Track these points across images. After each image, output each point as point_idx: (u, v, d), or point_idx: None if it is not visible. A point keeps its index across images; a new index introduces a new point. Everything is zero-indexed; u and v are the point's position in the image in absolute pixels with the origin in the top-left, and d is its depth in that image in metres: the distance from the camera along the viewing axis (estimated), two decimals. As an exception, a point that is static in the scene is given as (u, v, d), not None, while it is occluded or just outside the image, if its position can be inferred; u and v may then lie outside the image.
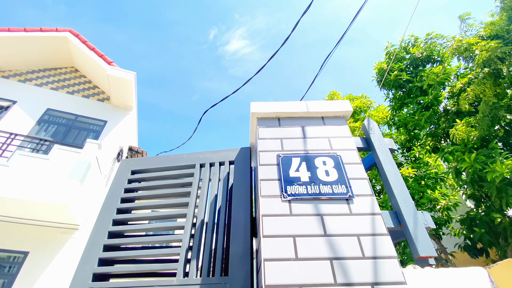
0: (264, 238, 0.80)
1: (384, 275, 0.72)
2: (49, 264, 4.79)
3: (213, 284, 0.89)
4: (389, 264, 0.74)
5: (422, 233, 0.84)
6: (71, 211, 4.54)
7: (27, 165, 4.43)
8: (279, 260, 0.76)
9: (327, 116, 1.15)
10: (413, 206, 0.90)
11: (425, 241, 0.83)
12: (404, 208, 0.90)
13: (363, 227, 0.81)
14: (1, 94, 6.55)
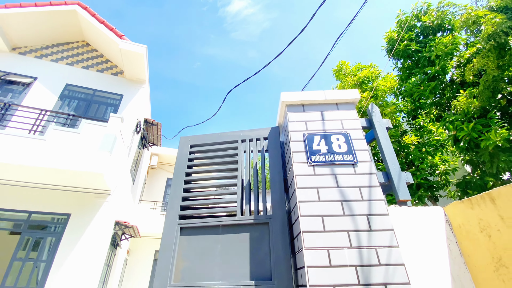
0: (298, 189, 1.24)
1: (375, 210, 1.16)
2: (89, 223, 5.55)
3: (261, 218, 1.37)
4: (379, 204, 1.18)
5: (403, 185, 1.27)
6: (104, 179, 5.14)
7: (61, 139, 4.93)
8: (308, 201, 1.20)
9: (340, 103, 1.52)
10: (399, 169, 1.32)
11: (404, 190, 1.26)
12: (392, 170, 1.32)
13: (363, 182, 1.24)
14: (22, 70, 6.87)
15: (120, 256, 8.41)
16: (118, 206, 6.83)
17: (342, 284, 1.01)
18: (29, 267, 4.93)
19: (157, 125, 8.91)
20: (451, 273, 1.06)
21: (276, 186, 1.45)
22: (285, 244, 1.28)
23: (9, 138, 4.65)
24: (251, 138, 1.68)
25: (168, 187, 12.44)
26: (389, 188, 1.34)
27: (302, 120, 1.47)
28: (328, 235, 1.12)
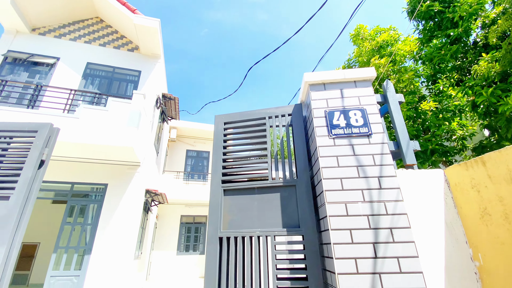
0: (320, 158, 1.51)
1: (385, 173, 1.42)
2: (125, 192, 6.19)
3: (289, 181, 1.67)
4: (388, 168, 1.43)
5: (410, 152, 1.51)
6: (135, 152, 5.61)
7: (91, 116, 5.34)
8: (329, 167, 1.48)
9: (358, 80, 1.70)
10: (407, 138, 1.54)
11: (411, 156, 1.50)
12: (402, 139, 1.55)
13: (376, 150, 1.48)
14: (44, 51, 7.16)
15: (151, 220, 9.37)
16: (147, 176, 7.48)
17: (356, 228, 1.31)
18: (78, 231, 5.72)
19: (174, 99, 9.20)
20: (445, 221, 1.34)
21: (301, 156, 1.73)
22: (309, 201, 1.59)
23: (46, 118, 5.11)
24: (276, 114, 1.92)
25: (188, 158, 13.13)
26: (399, 155, 1.58)
27: (323, 98, 1.68)
28: (345, 193, 1.41)
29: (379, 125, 1.55)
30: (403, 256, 1.24)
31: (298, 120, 1.86)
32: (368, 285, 1.20)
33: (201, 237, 11.85)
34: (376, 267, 1.23)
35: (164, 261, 10.80)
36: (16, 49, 7.00)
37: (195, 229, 11.88)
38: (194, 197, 11.16)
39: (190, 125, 12.62)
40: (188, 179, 11.97)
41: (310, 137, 1.75)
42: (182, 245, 11.38)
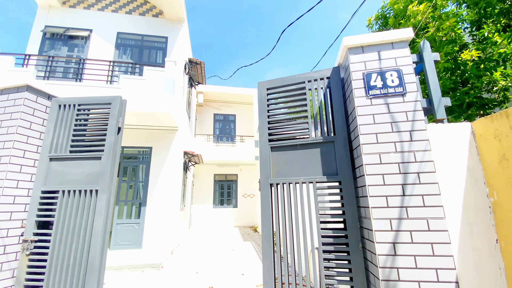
0: (358, 116, 1.74)
1: (416, 127, 1.63)
2: (167, 154, 6.87)
3: (328, 138, 1.94)
4: (419, 123, 1.64)
5: (441, 108, 1.68)
6: (172, 117, 6.09)
7: (131, 85, 5.76)
8: (365, 124, 1.72)
9: (395, 42, 1.81)
10: (439, 95, 1.70)
11: (442, 112, 1.67)
12: (434, 96, 1.71)
13: (409, 107, 1.67)
14: (77, 24, 7.47)
15: (189, 178, 10.38)
16: (184, 139, 8.13)
17: (388, 173, 1.60)
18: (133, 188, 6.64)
19: (200, 64, 9.34)
20: (468, 166, 1.57)
21: (338, 115, 1.96)
22: (346, 154, 1.87)
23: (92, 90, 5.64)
24: (315, 78, 2.11)
25: (215, 122, 13.68)
26: (431, 110, 1.76)
27: (361, 61, 1.84)
28: (379, 146, 1.66)
29: (413, 85, 1.71)
30: (426, 194, 1.52)
31: (336, 82, 2.05)
32: (396, 215, 1.53)
33: (232, 193, 12.95)
34: (403, 202, 1.54)
35: (203, 213, 12.18)
36: (52, 24, 7.38)
37: (227, 186, 12.94)
38: (224, 157, 11.93)
39: (216, 89, 12.86)
40: (218, 142, 12.67)
41: (348, 97, 1.96)
42: (217, 199, 12.60)
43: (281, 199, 1.99)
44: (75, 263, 2.15)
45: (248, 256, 6.30)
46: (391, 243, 1.51)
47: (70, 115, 2.51)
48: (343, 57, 2.00)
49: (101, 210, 2.23)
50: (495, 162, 1.45)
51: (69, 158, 2.39)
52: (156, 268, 5.19)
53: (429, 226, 1.49)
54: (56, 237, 2.21)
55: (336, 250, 1.78)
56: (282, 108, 2.21)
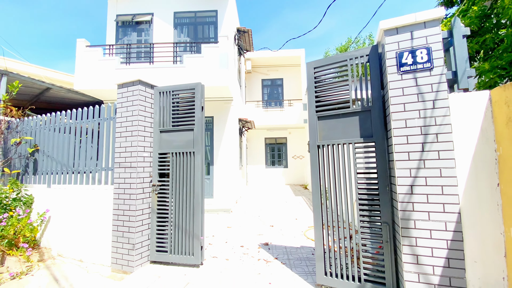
0: (390, 90, 2.18)
1: (439, 96, 2.01)
2: (226, 121, 7.86)
3: (366, 107, 2.43)
4: (442, 93, 2.01)
5: (464, 79, 2.00)
6: (229, 89, 6.89)
7: (192, 63, 6.63)
8: (396, 96, 2.16)
9: (428, 21, 2.09)
10: (464, 68, 2.00)
11: (465, 82, 2.00)
12: (459, 69, 2.02)
13: (434, 80, 2.04)
14: (140, 9, 8.44)
15: (244, 142, 11.56)
16: (238, 108, 9.02)
17: (411, 135, 2.07)
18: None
19: (248, 31, 9.67)
20: (481, 127, 1.93)
21: (375, 87, 2.41)
22: (380, 120, 2.36)
23: (161, 70, 6.70)
24: (356, 56, 2.53)
25: (263, 87, 14.18)
26: (453, 82, 2.08)
27: (395, 41, 2.20)
28: (406, 113, 2.11)
29: (440, 60, 2.04)
30: (442, 149, 1.98)
31: (374, 59, 2.44)
32: (415, 165, 2.05)
33: (282, 155, 13.87)
34: (422, 156, 2.03)
35: (256, 173, 13.57)
36: (122, 13, 8.52)
37: (278, 148, 13.87)
38: (274, 122, 12.64)
39: (262, 54, 13.11)
40: (267, 107, 13.32)
41: (383, 72, 2.36)
42: (268, 160, 13.75)
43: (326, 157, 2.64)
44: (186, 197, 3.26)
45: (299, 207, 7.29)
46: (409, 185, 2.06)
47: (168, 99, 3.47)
48: (380, 37, 2.35)
49: (198, 165, 3.24)
50: (503, 124, 1.80)
51: (172, 130, 3.41)
52: (227, 212, 6.57)
53: (441, 173, 1.98)
54: (171, 183, 3.34)
55: (369, 193, 2.41)
56: (328, 83, 2.72)
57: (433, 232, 1.98)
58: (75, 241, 3.73)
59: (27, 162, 4.54)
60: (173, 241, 3.27)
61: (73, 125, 4.09)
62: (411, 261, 2.04)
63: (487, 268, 1.88)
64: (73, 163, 4.03)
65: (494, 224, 1.88)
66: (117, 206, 3.29)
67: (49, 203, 4.04)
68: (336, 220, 2.55)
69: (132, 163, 3.24)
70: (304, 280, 2.79)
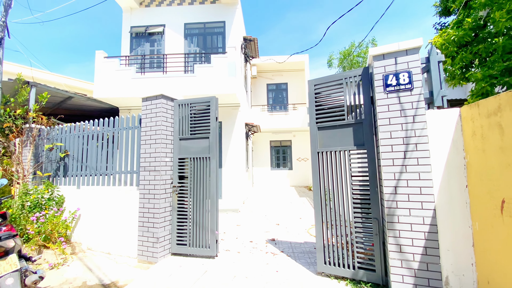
0: (378, 106, 2.60)
1: (418, 112, 2.42)
2: (234, 126, 8.31)
3: (358, 120, 2.85)
4: (421, 110, 2.41)
5: (439, 98, 2.40)
6: (237, 96, 7.34)
7: (202, 72, 7.11)
8: (383, 112, 2.57)
9: (408, 49, 2.51)
10: (439, 89, 2.40)
11: (439, 101, 2.40)
12: (435, 90, 2.42)
13: (414, 99, 2.45)
14: (153, 21, 8.98)
15: (250, 145, 12.00)
16: (244, 113, 9.47)
17: (395, 144, 2.48)
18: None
19: (254, 40, 10.15)
20: (452, 138, 2.33)
21: (366, 103, 2.82)
22: (371, 131, 2.77)
23: (173, 79, 7.19)
24: (350, 76, 2.95)
25: (268, 92, 14.63)
26: (432, 100, 2.48)
27: (382, 66, 2.61)
28: (391, 126, 2.52)
29: (419, 82, 2.45)
30: (420, 157, 2.38)
31: (365, 79, 2.86)
32: (399, 170, 2.45)
33: (287, 157, 14.27)
34: (404, 163, 2.44)
35: (262, 174, 13.99)
36: (135, 25, 9.08)
37: (282, 151, 14.27)
38: (278, 125, 13.08)
39: (267, 60, 13.57)
40: (272, 111, 13.77)
41: (373, 90, 2.78)
42: (274, 163, 14.17)
43: (325, 162, 3.06)
44: (202, 198, 3.72)
45: (303, 207, 7.69)
46: (394, 187, 2.47)
47: (187, 110, 3.93)
48: (370, 61, 2.77)
49: (213, 169, 3.69)
50: (470, 136, 2.20)
51: (190, 138, 3.87)
52: (235, 212, 7.01)
53: (420, 177, 2.38)
54: (189, 185, 3.80)
55: (361, 193, 2.82)
56: (326, 98, 3.14)
57: (413, 226, 2.38)
58: (102, 236, 4.22)
59: (58, 166, 5.06)
60: (191, 235, 3.72)
61: (100, 132, 4.59)
62: (395, 249, 2.44)
63: (458, 256, 2.28)
64: (101, 166, 4.53)
65: (464, 219, 2.28)
66: (143, 204, 3.76)
67: (79, 202, 4.54)
68: (334, 217, 2.97)
69: (156, 167, 3.71)
70: (306, 269, 3.20)
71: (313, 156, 3.14)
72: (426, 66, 2.53)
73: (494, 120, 1.96)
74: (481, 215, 2.14)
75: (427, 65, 2.52)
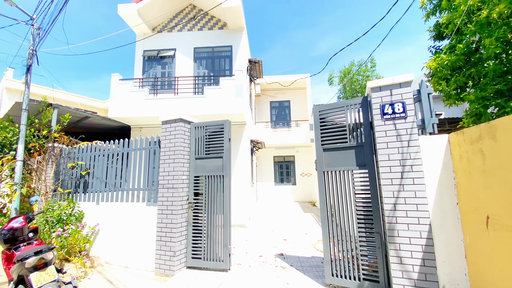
0: (376, 132, 2.95)
1: (412, 138, 2.76)
2: (240, 142, 8.67)
3: (359, 143, 3.19)
4: (414, 135, 2.76)
5: (430, 125, 2.75)
6: (243, 115, 7.75)
7: (211, 94, 7.56)
8: (381, 137, 2.92)
9: (402, 82, 2.89)
10: (429, 117, 2.76)
11: (430, 127, 2.75)
12: (426, 117, 2.78)
13: (408, 126, 2.80)
14: (165, 45, 9.60)
15: (254, 161, 12.31)
16: (249, 130, 9.86)
17: (392, 166, 2.80)
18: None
19: (258, 62, 10.75)
20: (443, 161, 2.65)
21: (366, 127, 3.17)
22: (371, 153, 3.11)
23: (184, 100, 7.64)
24: (351, 104, 3.33)
25: (272, 109, 15.13)
26: (424, 127, 2.83)
27: (379, 96, 2.99)
28: (389, 149, 2.86)
29: (412, 111, 2.81)
30: (416, 177, 2.70)
31: (365, 106, 3.23)
32: (397, 189, 2.76)
33: (291, 172, 14.52)
34: (401, 182, 2.75)
35: (266, 190, 14.19)
36: (148, 49, 9.71)
37: (286, 166, 14.55)
38: (282, 141, 13.45)
39: (270, 79, 14.18)
40: (275, 127, 14.19)
41: (372, 118, 3.14)
42: (277, 178, 14.40)
43: (330, 181, 3.37)
44: (216, 212, 4.00)
45: (309, 222, 7.87)
46: (393, 204, 2.77)
47: (202, 132, 4.31)
48: (368, 92, 3.16)
49: (227, 186, 4.00)
50: (458, 159, 2.53)
51: (205, 158, 4.22)
52: (242, 227, 7.22)
53: (416, 195, 2.68)
54: (204, 201, 4.09)
55: (364, 209, 3.10)
56: (330, 124, 3.50)
57: (411, 239, 2.65)
58: (120, 250, 4.46)
59: (78, 183, 5.39)
60: (205, 249, 3.98)
61: (120, 152, 4.95)
62: (396, 261, 2.70)
63: (453, 267, 2.53)
64: (120, 183, 4.85)
65: (456, 233, 2.56)
66: (161, 220, 4.04)
67: (98, 218, 4.82)
68: (339, 232, 3.24)
69: (174, 184, 4.03)
70: (315, 282, 3.42)
71: (320, 175, 3.45)
72: (418, 97, 2.91)
73: (477, 146, 2.29)
74: (471, 230, 2.42)
75: (419, 96, 2.89)
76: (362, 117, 3.24)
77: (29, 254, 2.65)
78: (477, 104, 5.84)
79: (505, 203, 2.01)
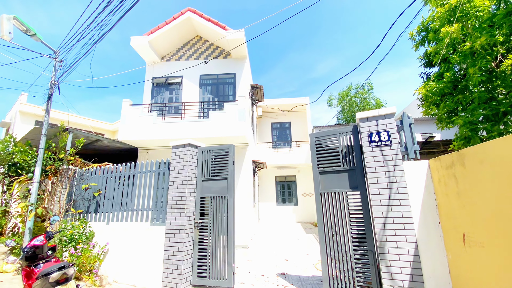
0: (365, 157, 3.31)
1: (397, 163, 3.11)
2: (242, 163, 9.00)
3: (351, 167, 3.54)
4: (399, 161, 3.11)
5: (412, 152, 3.11)
6: (246, 138, 8.17)
7: (216, 118, 8.04)
8: (370, 162, 3.27)
9: (386, 114, 3.29)
10: (411, 144, 3.12)
11: (412, 154, 3.11)
12: (408, 145, 3.15)
13: (393, 152, 3.16)
14: (173, 73, 10.28)
15: (256, 180, 12.56)
16: (251, 151, 10.24)
17: (381, 188, 3.13)
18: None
19: (260, 87, 11.39)
20: (425, 184, 2.98)
21: (357, 153, 3.53)
22: (362, 176, 3.44)
23: (190, 124, 8.11)
24: (343, 131, 3.72)
25: (273, 130, 15.61)
26: (407, 153, 3.19)
27: (367, 126, 3.39)
28: (377, 173, 3.19)
29: (396, 139, 3.18)
30: (402, 198, 3.01)
31: (355, 134, 3.62)
32: (386, 209, 3.06)
33: (292, 192, 14.67)
34: (389, 203, 3.06)
35: (268, 210, 14.28)
36: (156, 75, 10.39)
37: (287, 186, 14.74)
38: (283, 161, 13.76)
39: (271, 102, 14.81)
40: (276, 148, 14.58)
41: (361, 144, 3.51)
42: (279, 198, 14.54)
43: (327, 202, 3.67)
44: (221, 232, 4.26)
45: (310, 243, 7.98)
46: (382, 223, 3.05)
47: (208, 156, 4.69)
48: (357, 121, 3.56)
49: (231, 207, 4.30)
50: (437, 182, 2.85)
51: (211, 179, 4.55)
52: (245, 247, 7.35)
53: (403, 215, 2.98)
54: (209, 221, 4.37)
55: (358, 228, 3.38)
56: (325, 149, 3.87)
57: (400, 256, 2.91)
58: (128, 269, 4.67)
59: (89, 204, 5.69)
60: (210, 268, 4.19)
61: (130, 174, 5.31)
62: (388, 277, 2.93)
63: (438, 281, 2.77)
64: (131, 204, 5.15)
65: (440, 250, 2.82)
66: (168, 239, 4.30)
67: (107, 237, 5.07)
68: (336, 250, 3.48)
69: (182, 205, 4.34)
70: (314, 299, 3.61)
71: (317, 196, 3.76)
72: (401, 127, 3.29)
73: (451, 171, 2.63)
74: (452, 247, 2.69)
75: (401, 126, 3.28)
76: (353, 143, 3.61)
77: (54, 270, 2.93)
78: (465, 128, 6.23)
79: (476, 222, 2.31)
